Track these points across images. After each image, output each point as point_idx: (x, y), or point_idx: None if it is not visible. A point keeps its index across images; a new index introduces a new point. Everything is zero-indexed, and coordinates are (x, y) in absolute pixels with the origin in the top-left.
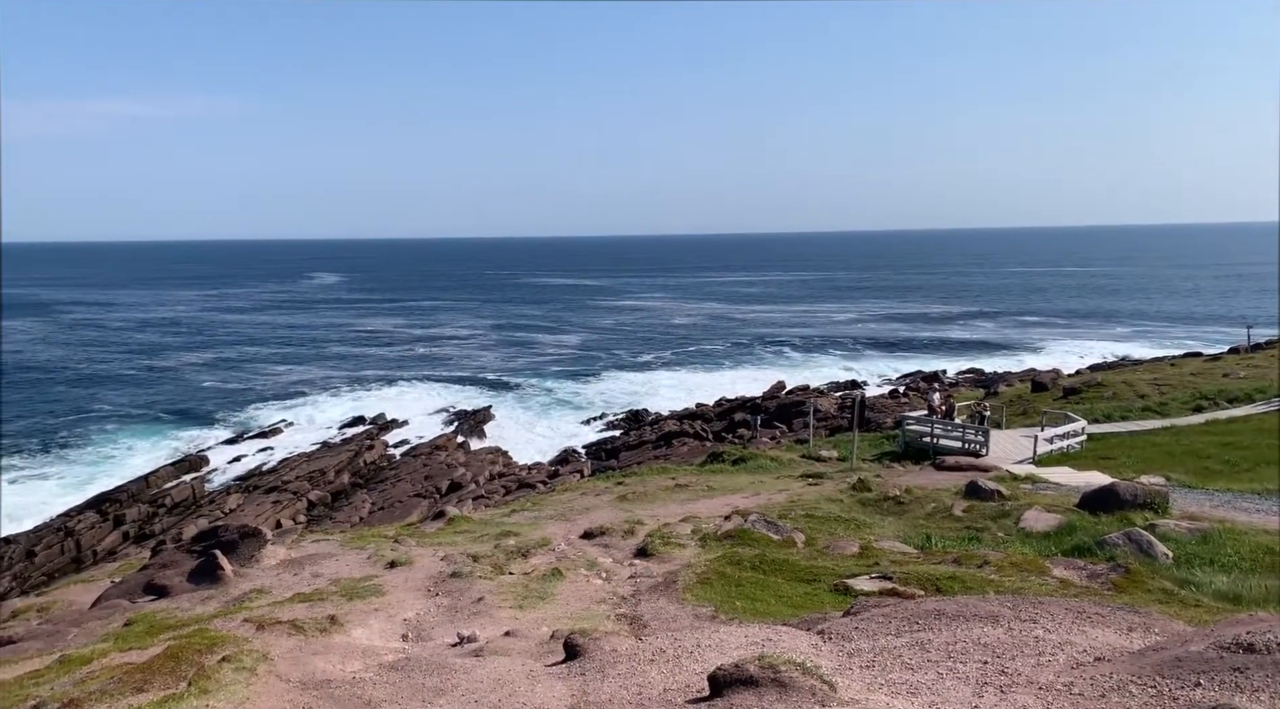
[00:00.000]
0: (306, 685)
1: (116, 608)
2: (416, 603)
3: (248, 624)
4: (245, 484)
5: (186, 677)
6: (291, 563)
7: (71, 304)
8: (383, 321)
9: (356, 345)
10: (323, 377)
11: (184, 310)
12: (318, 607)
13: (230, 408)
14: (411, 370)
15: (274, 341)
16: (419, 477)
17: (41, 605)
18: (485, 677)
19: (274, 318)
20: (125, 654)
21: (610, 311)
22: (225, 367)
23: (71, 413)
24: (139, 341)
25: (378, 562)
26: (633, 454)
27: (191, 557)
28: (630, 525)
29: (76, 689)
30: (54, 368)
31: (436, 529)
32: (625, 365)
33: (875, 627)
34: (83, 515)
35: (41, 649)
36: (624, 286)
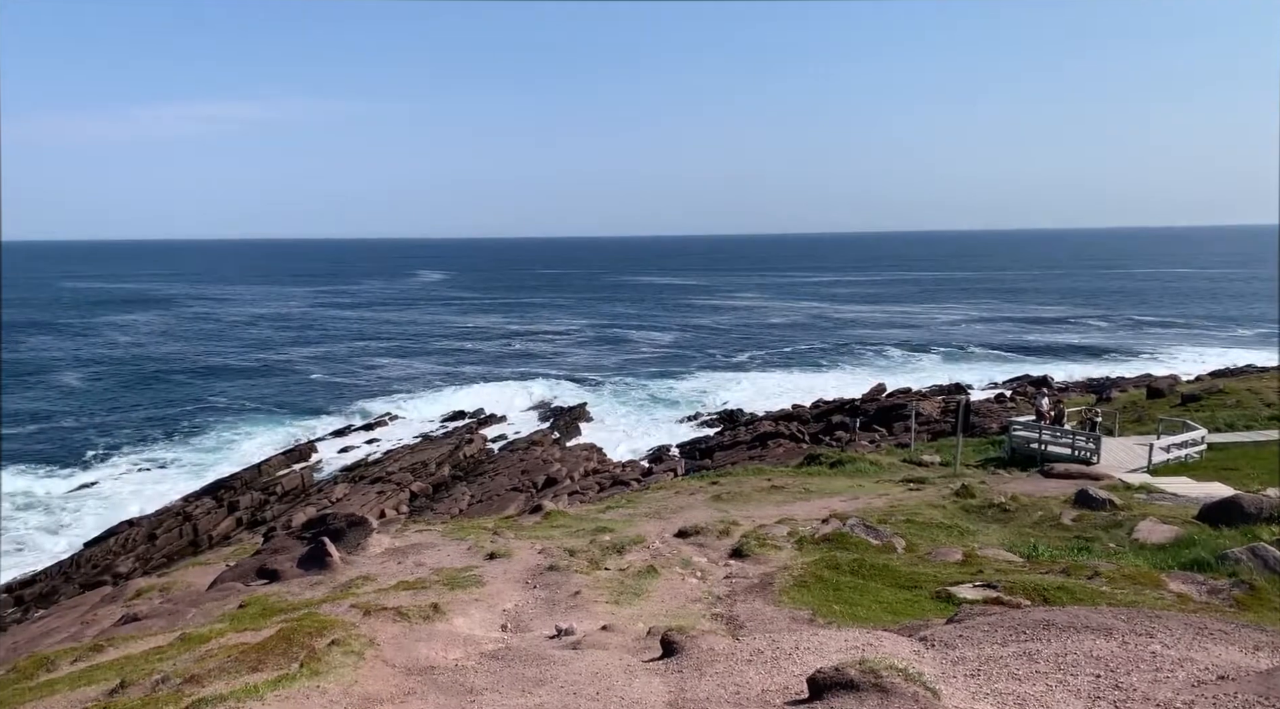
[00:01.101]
0: (411, 671)
1: (232, 590)
2: (515, 594)
3: (355, 610)
4: (351, 474)
5: (298, 658)
6: (395, 552)
7: (191, 298)
8: (482, 319)
9: (457, 341)
10: (425, 371)
11: (294, 306)
12: (421, 595)
13: (337, 401)
14: (509, 367)
15: (379, 337)
16: (516, 471)
17: (163, 586)
18: (583, 669)
19: (379, 314)
20: (241, 635)
21: (704, 310)
22: (333, 360)
23: (191, 403)
24: (253, 336)
25: (477, 553)
26: (727, 454)
27: (301, 543)
28: (725, 526)
29: (196, 666)
30: (175, 359)
31: (533, 523)
32: (719, 365)
33: (980, 635)
34: (200, 501)
35: (163, 627)
36: (718, 285)
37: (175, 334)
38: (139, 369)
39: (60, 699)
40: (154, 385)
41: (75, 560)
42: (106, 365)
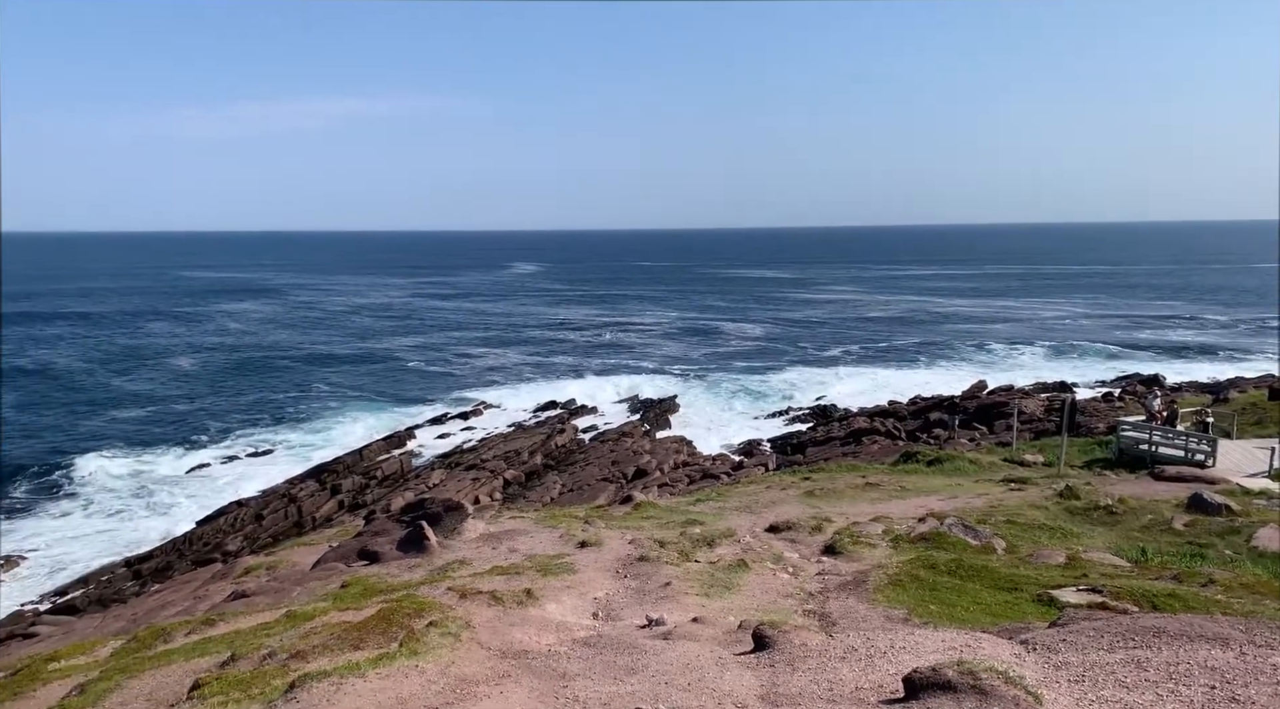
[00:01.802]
0: (505, 654)
1: (334, 570)
2: (606, 583)
3: (451, 592)
4: (447, 461)
5: (397, 638)
6: (490, 537)
7: (297, 288)
8: (575, 310)
9: (549, 332)
10: (518, 362)
11: (395, 296)
12: (514, 580)
13: (434, 389)
14: (600, 358)
15: (474, 327)
16: (606, 462)
17: (270, 564)
18: (675, 659)
19: (475, 305)
20: (343, 614)
21: (798, 304)
22: (430, 350)
23: (296, 389)
24: (355, 325)
25: (569, 541)
26: (820, 450)
27: (400, 526)
28: (818, 522)
29: (301, 642)
30: (282, 347)
31: (624, 513)
32: (811, 359)
33: (1085, 640)
34: (304, 483)
35: (270, 604)
36: (813, 278)
37: (282, 322)
38: (248, 355)
39: (176, 669)
40: (262, 371)
41: (188, 538)
42: (218, 352)
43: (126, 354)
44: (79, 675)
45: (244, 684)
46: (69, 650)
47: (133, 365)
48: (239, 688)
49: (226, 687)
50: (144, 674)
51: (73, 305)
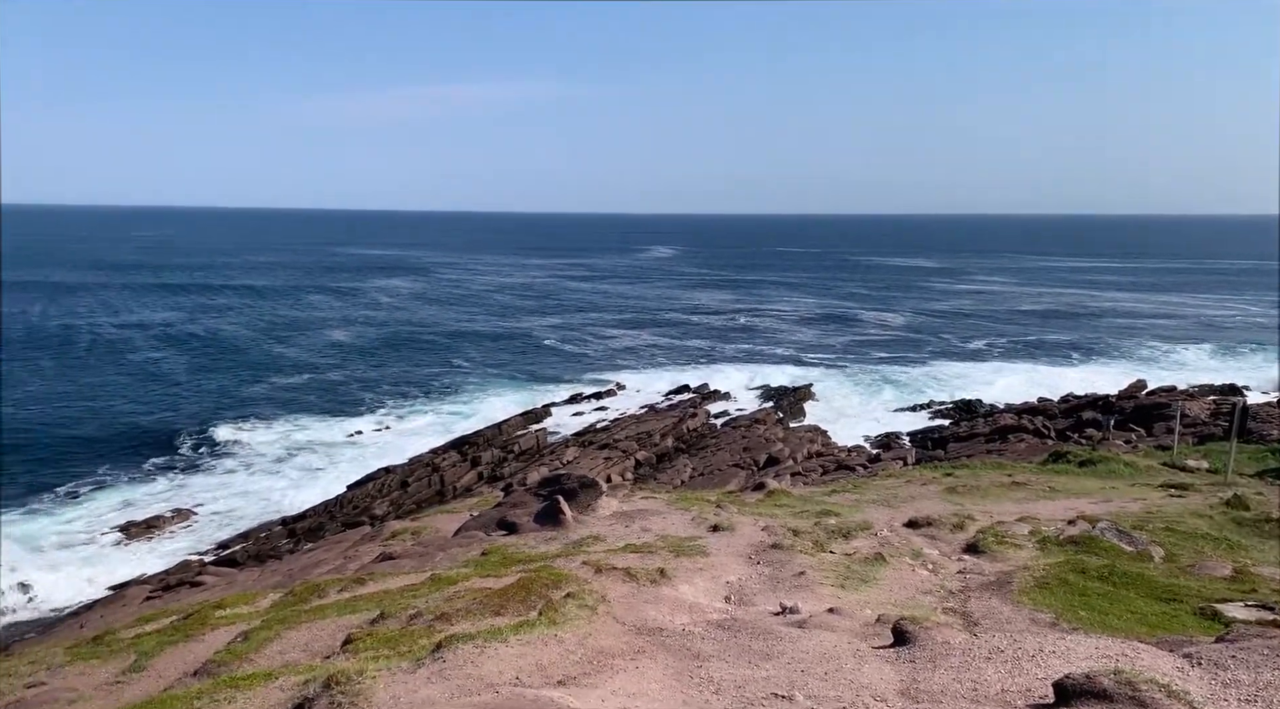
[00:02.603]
0: (640, 631)
1: (474, 538)
2: (738, 568)
3: (586, 566)
4: (581, 439)
5: (536, 607)
6: (623, 516)
7: (444, 266)
8: (710, 294)
9: (684, 315)
10: (652, 344)
11: (535, 276)
12: (648, 559)
13: (570, 368)
14: (735, 343)
15: (610, 309)
16: (738, 448)
17: (415, 529)
18: (811, 648)
19: (612, 287)
20: (484, 580)
21: (943, 294)
22: (568, 329)
23: (441, 363)
24: (497, 303)
25: (701, 524)
26: (962, 446)
27: (537, 500)
28: (959, 519)
29: (446, 605)
30: (429, 322)
31: (756, 500)
32: (955, 351)
33: (1259, 659)
34: (447, 454)
35: (415, 567)
36: (962, 268)
37: (430, 298)
38: (397, 330)
39: (330, 623)
40: (409, 345)
41: (338, 501)
42: (370, 325)
43: (287, 325)
44: (242, 623)
45: (393, 642)
46: (233, 600)
47: (293, 335)
48: (388, 645)
49: (377, 643)
50: (301, 626)
51: (241, 278)
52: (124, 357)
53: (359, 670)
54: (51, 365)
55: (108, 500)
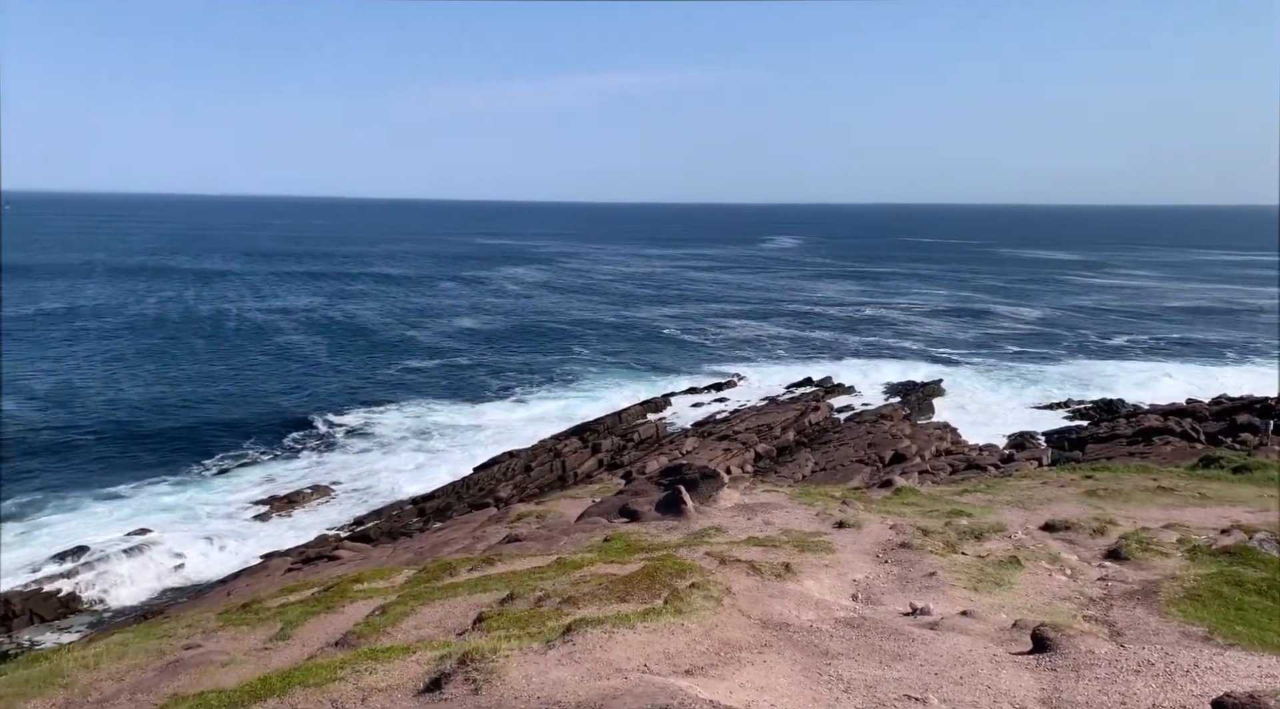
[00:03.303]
0: (766, 624)
1: (597, 524)
2: (865, 566)
3: (709, 558)
4: (701, 430)
5: (661, 595)
6: (745, 508)
7: (568, 256)
8: (835, 286)
9: (807, 307)
10: (774, 336)
11: (657, 266)
12: (771, 552)
13: (690, 359)
14: (860, 336)
15: (731, 300)
16: (862, 443)
17: (539, 513)
18: (944, 651)
19: (733, 277)
20: (608, 566)
21: (1083, 288)
22: (688, 320)
23: (563, 351)
24: (618, 292)
25: (826, 520)
26: (1101, 448)
27: (659, 489)
28: (1100, 524)
29: (572, 589)
30: (552, 311)
31: (883, 497)
32: (1095, 348)
33: None
34: (568, 440)
35: (540, 550)
36: (1104, 261)
37: (554, 287)
38: (522, 318)
39: (461, 601)
40: (533, 333)
41: (465, 482)
42: (496, 313)
43: (419, 311)
44: (379, 598)
45: (522, 622)
46: (370, 574)
47: (424, 321)
48: (518, 625)
49: (507, 623)
50: (434, 602)
51: (377, 266)
52: (269, 339)
53: (492, 649)
54: (203, 346)
55: (252, 475)
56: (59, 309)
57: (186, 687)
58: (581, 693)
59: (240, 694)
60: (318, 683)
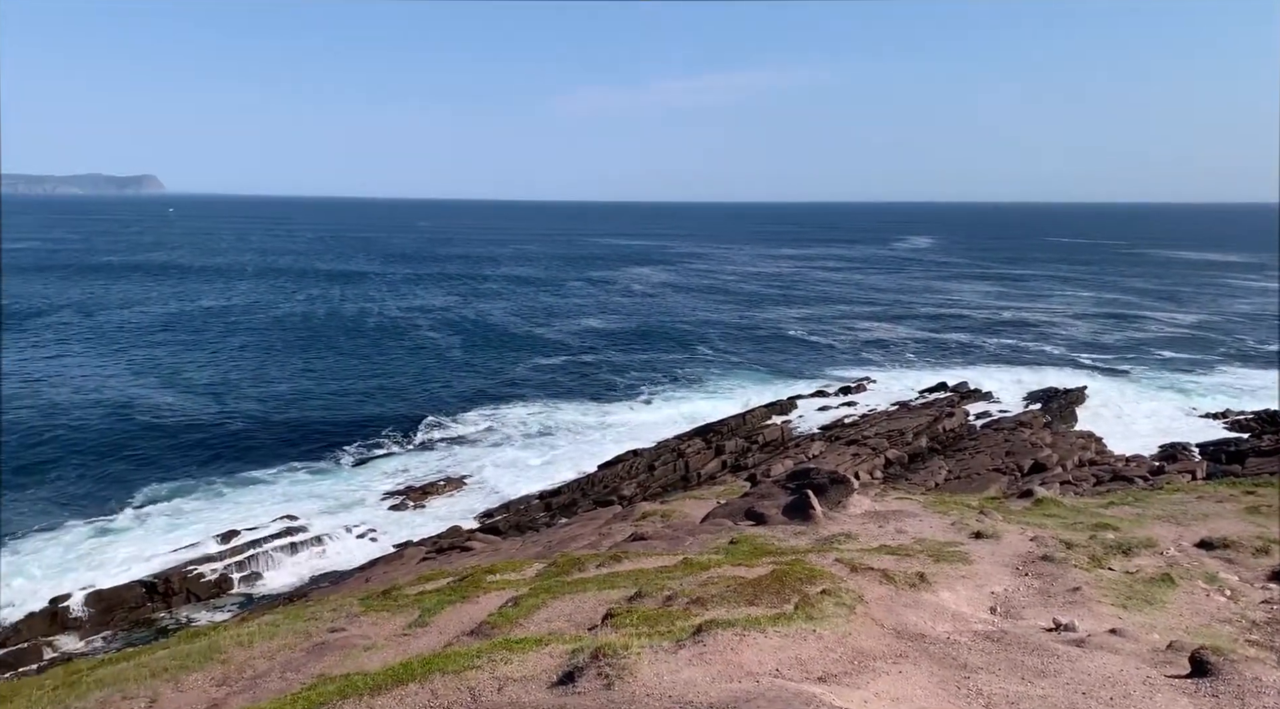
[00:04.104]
0: (900, 634)
1: (722, 526)
2: (1004, 578)
3: (840, 565)
4: (828, 434)
5: (790, 600)
6: (875, 515)
7: (693, 256)
8: (971, 288)
9: (942, 310)
10: (906, 338)
11: (784, 266)
12: (905, 562)
13: (817, 361)
14: (997, 339)
15: (862, 301)
16: (999, 451)
17: (664, 512)
18: (1092, 670)
19: (864, 278)
20: (735, 568)
21: (1244, 291)
22: (815, 322)
23: (684, 351)
24: (743, 292)
25: (961, 530)
26: (1265, 461)
27: (785, 493)
28: (1264, 543)
29: (700, 590)
30: (675, 311)
31: (1022, 508)
32: (1257, 356)
33: None
34: (691, 441)
35: (666, 549)
36: (1264, 262)
37: (679, 288)
38: (646, 318)
39: (590, 596)
40: (656, 332)
41: (590, 479)
42: (622, 314)
43: (547, 311)
44: (511, 590)
45: (651, 620)
46: (502, 566)
47: (552, 320)
48: (647, 623)
49: (636, 620)
50: (564, 596)
51: (508, 267)
52: (406, 336)
53: (624, 646)
54: (345, 342)
55: (387, 466)
56: (216, 306)
57: (332, 667)
58: (713, 694)
59: (383, 678)
60: (456, 670)
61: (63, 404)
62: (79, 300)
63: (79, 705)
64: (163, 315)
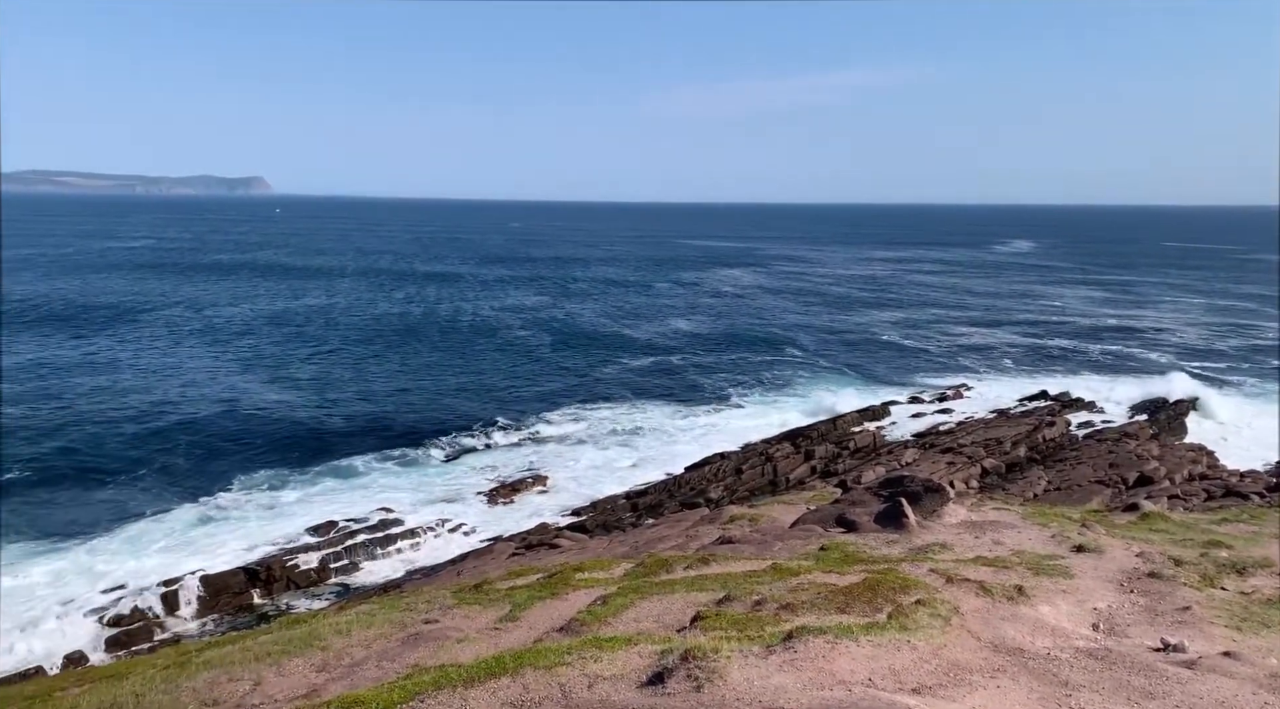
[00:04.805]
0: (998, 648)
1: (812, 532)
2: (1108, 595)
3: (934, 575)
4: (922, 441)
5: (883, 610)
6: (971, 525)
7: (785, 259)
8: (1075, 293)
9: (1042, 316)
10: (1003, 343)
11: (878, 269)
12: (1002, 574)
13: (910, 366)
14: (1102, 346)
15: (958, 306)
16: (1102, 463)
17: (752, 516)
18: (1205, 694)
19: (961, 282)
20: (826, 575)
21: None
22: (909, 326)
23: (773, 353)
24: (835, 295)
25: (1062, 542)
26: None
27: (878, 500)
28: None
29: (790, 596)
30: (765, 313)
31: (1127, 522)
32: None
33: None
34: (779, 445)
35: (754, 553)
36: None
37: (769, 289)
38: (735, 320)
39: (679, 598)
40: (746, 334)
41: (676, 481)
42: (710, 315)
43: (636, 312)
44: (599, 588)
45: (740, 624)
46: (590, 565)
47: (640, 322)
48: (736, 627)
49: (725, 624)
50: (652, 597)
51: (597, 268)
52: (497, 335)
53: (714, 649)
54: (440, 340)
55: (477, 461)
56: (319, 304)
57: (426, 658)
58: (804, 701)
59: (477, 670)
60: (547, 666)
61: (174, 396)
62: (191, 296)
63: (189, 685)
64: (268, 312)
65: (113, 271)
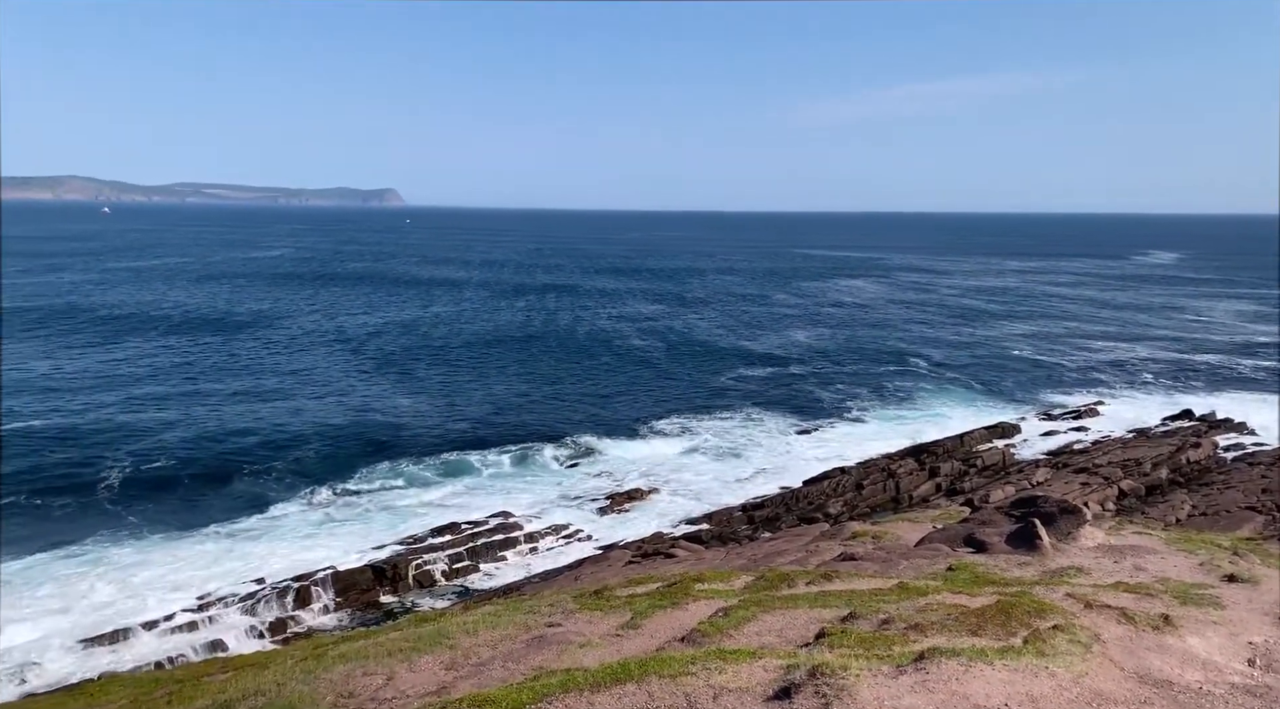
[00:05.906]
0: (1144, 680)
1: (939, 552)
2: (1264, 628)
3: (1071, 600)
4: (1055, 460)
5: (1018, 634)
6: (1110, 549)
7: (908, 269)
8: (1222, 306)
9: (1185, 331)
10: (1143, 359)
11: (1008, 280)
12: (1145, 601)
13: (1042, 382)
14: (1254, 361)
15: (1094, 320)
16: (1254, 488)
17: (875, 533)
18: None
19: (1096, 294)
20: (955, 596)
21: None
22: (1041, 340)
23: (895, 365)
24: (962, 307)
25: (1212, 571)
26: None
27: (1009, 520)
28: None
29: (918, 616)
30: (887, 325)
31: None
32: None
33: None
34: (903, 461)
35: (878, 571)
36: None
37: (892, 300)
38: (855, 331)
39: (801, 614)
40: (865, 346)
41: (794, 494)
42: (830, 326)
43: (755, 322)
44: (720, 599)
45: (867, 643)
46: (710, 576)
47: (758, 333)
48: (862, 645)
49: (851, 641)
50: (774, 611)
51: (715, 278)
52: (614, 345)
53: (842, 666)
54: (559, 348)
55: (592, 468)
56: (445, 312)
57: (549, 661)
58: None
59: (602, 675)
60: (672, 675)
61: (308, 396)
62: (327, 304)
63: (326, 677)
64: (398, 320)
65: (255, 280)
